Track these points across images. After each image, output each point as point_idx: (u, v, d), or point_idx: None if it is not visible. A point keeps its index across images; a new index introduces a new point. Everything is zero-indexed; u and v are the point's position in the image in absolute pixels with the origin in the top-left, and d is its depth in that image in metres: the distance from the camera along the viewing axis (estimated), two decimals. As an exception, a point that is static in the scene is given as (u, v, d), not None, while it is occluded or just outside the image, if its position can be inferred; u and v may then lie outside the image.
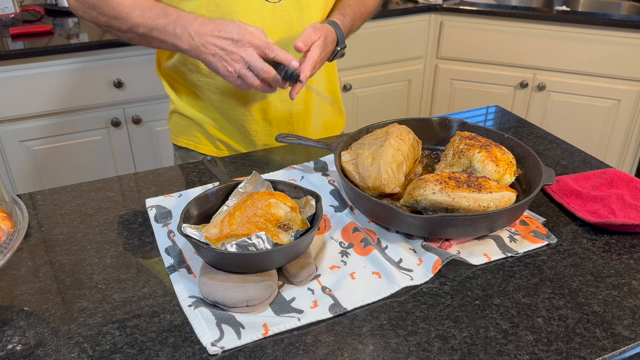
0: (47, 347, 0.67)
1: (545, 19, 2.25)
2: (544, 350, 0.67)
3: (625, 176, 1.00)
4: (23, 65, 1.84)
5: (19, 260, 0.82)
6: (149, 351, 0.67)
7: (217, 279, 0.74)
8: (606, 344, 0.68)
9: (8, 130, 1.92)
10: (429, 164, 1.05)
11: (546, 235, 0.87)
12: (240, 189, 0.87)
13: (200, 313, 0.71)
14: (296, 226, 0.79)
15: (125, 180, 1.05)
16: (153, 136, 2.14)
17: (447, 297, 0.76)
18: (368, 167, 0.91)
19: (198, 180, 1.04)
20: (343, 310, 0.73)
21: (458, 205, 0.82)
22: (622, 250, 0.85)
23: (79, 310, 0.73)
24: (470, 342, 0.68)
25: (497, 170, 0.89)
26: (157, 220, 0.91)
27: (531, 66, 2.36)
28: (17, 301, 0.75)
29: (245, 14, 1.07)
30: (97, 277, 0.79)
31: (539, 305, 0.74)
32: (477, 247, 0.84)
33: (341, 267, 0.81)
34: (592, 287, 0.78)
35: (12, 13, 2.08)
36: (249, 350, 0.67)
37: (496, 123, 1.31)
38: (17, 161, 1.98)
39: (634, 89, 2.23)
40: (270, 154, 1.15)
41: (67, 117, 1.99)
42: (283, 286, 0.77)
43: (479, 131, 1.04)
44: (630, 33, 2.15)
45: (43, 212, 0.94)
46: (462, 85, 2.53)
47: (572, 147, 1.17)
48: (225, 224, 0.76)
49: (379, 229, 0.89)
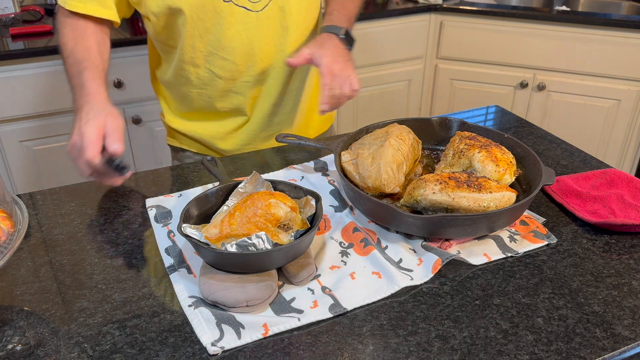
0: (47, 347, 0.67)
1: (545, 19, 2.25)
2: (544, 350, 0.67)
3: (625, 176, 1.00)
4: (23, 65, 1.84)
5: (19, 260, 0.82)
6: (149, 351, 0.67)
7: (217, 279, 0.74)
8: (606, 344, 0.68)
9: (8, 130, 1.92)
10: (429, 164, 1.05)
11: (546, 235, 0.87)
12: (240, 189, 0.87)
13: (200, 313, 0.71)
14: (296, 226, 0.79)
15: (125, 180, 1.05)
16: (153, 136, 2.14)
17: (447, 297, 0.76)
18: (368, 167, 0.91)
19: (198, 180, 1.04)
20: (343, 310, 0.73)
21: (458, 205, 0.82)
22: (622, 250, 0.85)
23: (79, 310, 0.73)
24: (470, 342, 0.68)
25: (497, 170, 0.89)
26: (157, 220, 0.91)
27: (531, 66, 2.36)
28: (17, 301, 0.75)
29: (230, 25, 1.08)
30: (97, 277, 0.79)
31: (539, 305, 0.74)
32: (477, 247, 0.84)
33: (341, 267, 0.81)
34: (592, 287, 0.78)
35: (12, 13, 2.08)
36: (249, 350, 0.67)
37: (496, 123, 1.31)
38: (17, 161, 1.98)
39: (634, 89, 2.23)
40: (270, 154, 1.15)
41: (67, 117, 1.99)
42: (283, 286, 0.77)
43: (479, 131, 1.04)
44: (630, 33, 2.15)
45: (43, 212, 0.94)
46: (462, 85, 2.53)
47: (572, 147, 1.17)
48: (225, 224, 0.76)
49: (379, 229, 0.89)
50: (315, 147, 1.05)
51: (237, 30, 1.08)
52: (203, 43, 1.09)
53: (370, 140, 0.99)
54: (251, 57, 1.12)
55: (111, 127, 0.88)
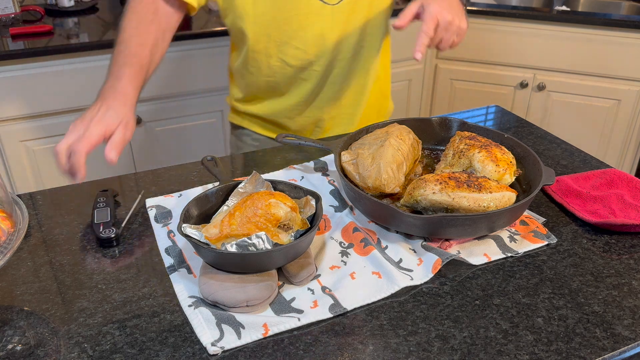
0: (47, 347, 0.67)
1: (545, 19, 2.25)
2: (544, 350, 0.67)
3: (625, 176, 1.00)
4: (23, 65, 1.84)
5: (19, 260, 0.82)
6: (149, 351, 0.67)
7: (217, 279, 0.74)
8: (606, 344, 0.68)
9: (8, 130, 1.92)
10: (429, 164, 1.05)
11: (546, 235, 0.87)
12: (240, 189, 0.87)
13: (200, 313, 0.71)
14: (296, 226, 0.79)
15: (125, 180, 1.05)
16: (153, 136, 2.14)
17: (447, 297, 0.76)
18: (368, 167, 0.91)
19: (198, 180, 1.04)
20: (343, 310, 0.73)
21: (458, 205, 0.82)
22: (622, 250, 0.85)
23: (79, 310, 0.73)
24: (470, 342, 0.68)
25: (497, 170, 0.89)
26: (157, 220, 0.91)
27: (531, 66, 2.36)
28: (17, 301, 0.75)
29: (306, 16, 1.12)
30: (97, 277, 0.79)
31: (539, 305, 0.74)
32: (477, 247, 0.84)
33: (341, 267, 0.81)
34: (592, 287, 0.78)
35: (12, 13, 2.08)
36: (249, 350, 0.67)
37: (496, 123, 1.31)
38: (17, 161, 1.98)
39: (634, 89, 2.23)
40: (270, 154, 1.15)
41: (67, 117, 1.99)
42: (283, 286, 0.77)
43: (479, 131, 1.04)
44: (630, 33, 2.15)
45: (43, 212, 0.94)
46: (462, 85, 2.53)
47: (572, 147, 1.17)
48: (225, 224, 0.76)
49: (379, 229, 0.89)
50: (315, 147, 1.05)
51: (312, 21, 1.13)
52: (279, 32, 1.14)
53: (370, 140, 0.98)
54: (322, 47, 1.17)
55: (118, 136, 0.87)
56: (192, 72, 2.09)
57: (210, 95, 2.18)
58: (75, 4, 2.24)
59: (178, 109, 2.14)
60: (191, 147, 2.23)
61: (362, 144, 0.98)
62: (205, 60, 2.08)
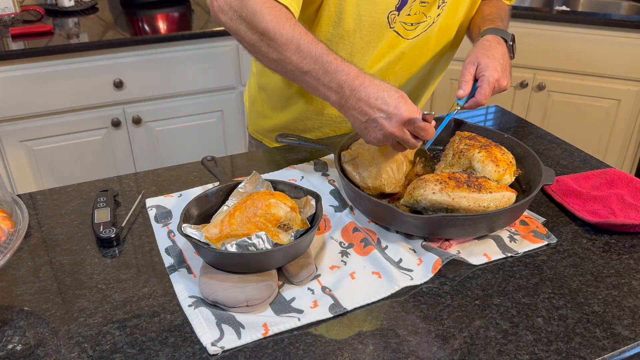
0: (47, 347, 0.67)
1: (545, 19, 2.25)
2: (544, 350, 0.67)
3: (625, 176, 1.00)
4: (23, 65, 1.84)
5: (19, 260, 0.82)
6: (149, 351, 0.67)
7: (217, 279, 0.74)
8: (606, 344, 0.68)
9: (8, 130, 1.92)
10: (429, 164, 1.05)
11: (546, 235, 0.87)
12: (240, 189, 0.87)
13: (200, 313, 0.71)
14: (296, 226, 0.79)
15: (125, 180, 1.05)
16: (153, 136, 2.14)
17: (447, 297, 0.76)
18: (368, 167, 0.91)
19: (198, 180, 1.04)
20: (343, 310, 0.73)
21: (458, 205, 0.82)
22: (622, 250, 0.85)
23: (79, 310, 0.73)
24: (470, 342, 0.68)
25: (497, 170, 0.89)
26: (157, 220, 0.91)
27: (531, 66, 2.36)
28: (17, 301, 0.75)
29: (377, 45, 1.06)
30: (97, 277, 0.79)
31: (539, 305, 0.74)
32: (477, 247, 0.84)
33: (341, 267, 0.81)
34: (592, 287, 0.78)
35: (12, 13, 2.08)
36: (249, 350, 0.67)
37: (496, 123, 1.31)
38: (17, 161, 1.98)
39: (634, 89, 2.23)
40: (270, 154, 1.15)
41: (67, 117, 1.99)
42: (283, 286, 0.77)
43: (479, 131, 1.04)
44: (630, 33, 2.15)
45: (43, 212, 0.94)
46: (462, 85, 2.53)
47: (572, 147, 1.17)
48: (225, 224, 0.76)
49: (379, 229, 0.89)
50: (315, 147, 1.05)
51: (382, 51, 1.09)
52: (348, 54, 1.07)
53: (370, 140, 0.98)
54: (381, 74, 1.12)
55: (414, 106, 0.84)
56: (192, 72, 2.09)
57: (210, 95, 2.18)
58: (75, 4, 2.24)
59: (178, 109, 2.15)
60: (191, 147, 2.23)
61: (362, 143, 0.98)
62: (205, 61, 2.08)
